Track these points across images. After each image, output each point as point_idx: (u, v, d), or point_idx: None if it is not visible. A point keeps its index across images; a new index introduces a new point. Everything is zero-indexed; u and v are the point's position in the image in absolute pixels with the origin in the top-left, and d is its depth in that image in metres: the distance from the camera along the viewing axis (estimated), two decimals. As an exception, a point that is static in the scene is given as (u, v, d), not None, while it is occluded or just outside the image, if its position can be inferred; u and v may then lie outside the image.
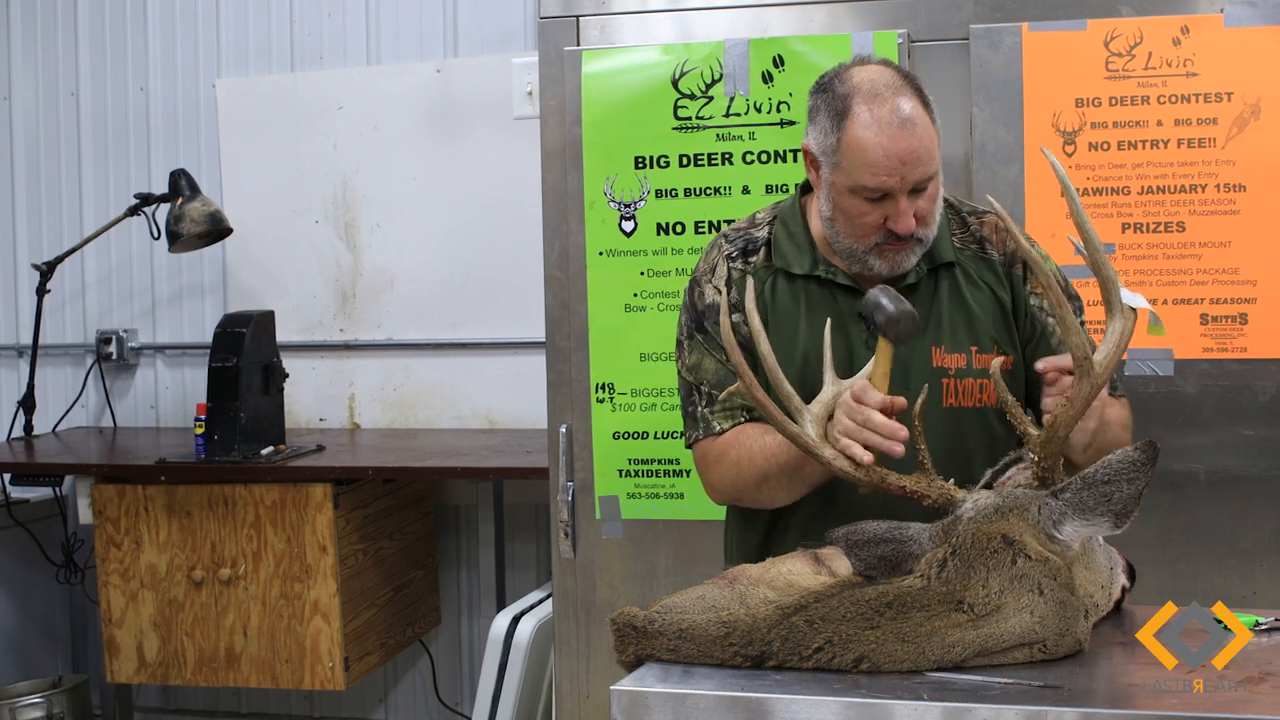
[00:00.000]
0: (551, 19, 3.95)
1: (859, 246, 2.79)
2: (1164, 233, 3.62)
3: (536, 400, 4.32)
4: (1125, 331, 2.38)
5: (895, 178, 2.69)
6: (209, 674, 4.86)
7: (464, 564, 5.67)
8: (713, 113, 3.81)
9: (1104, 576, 2.42)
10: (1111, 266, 2.38)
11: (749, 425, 2.86)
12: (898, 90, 2.72)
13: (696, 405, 2.93)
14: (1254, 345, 3.59)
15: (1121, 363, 2.87)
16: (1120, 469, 2.27)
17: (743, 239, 2.96)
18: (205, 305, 5.90)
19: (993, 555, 2.27)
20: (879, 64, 2.80)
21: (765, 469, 2.79)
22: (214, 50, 5.84)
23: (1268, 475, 3.62)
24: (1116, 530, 2.30)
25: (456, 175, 5.52)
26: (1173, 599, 2.95)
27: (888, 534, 2.39)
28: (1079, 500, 2.29)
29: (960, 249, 2.89)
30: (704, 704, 2.18)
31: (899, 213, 2.72)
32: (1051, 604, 2.26)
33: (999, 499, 2.37)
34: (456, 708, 5.66)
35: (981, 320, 2.84)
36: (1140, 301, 2.39)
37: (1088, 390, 2.36)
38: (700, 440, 2.93)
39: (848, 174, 2.73)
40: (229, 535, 4.79)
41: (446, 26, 5.59)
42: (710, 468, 2.93)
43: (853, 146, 2.71)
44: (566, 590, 4.02)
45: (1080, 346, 2.35)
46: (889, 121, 2.68)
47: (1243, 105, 3.57)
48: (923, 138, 2.70)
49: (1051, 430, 2.37)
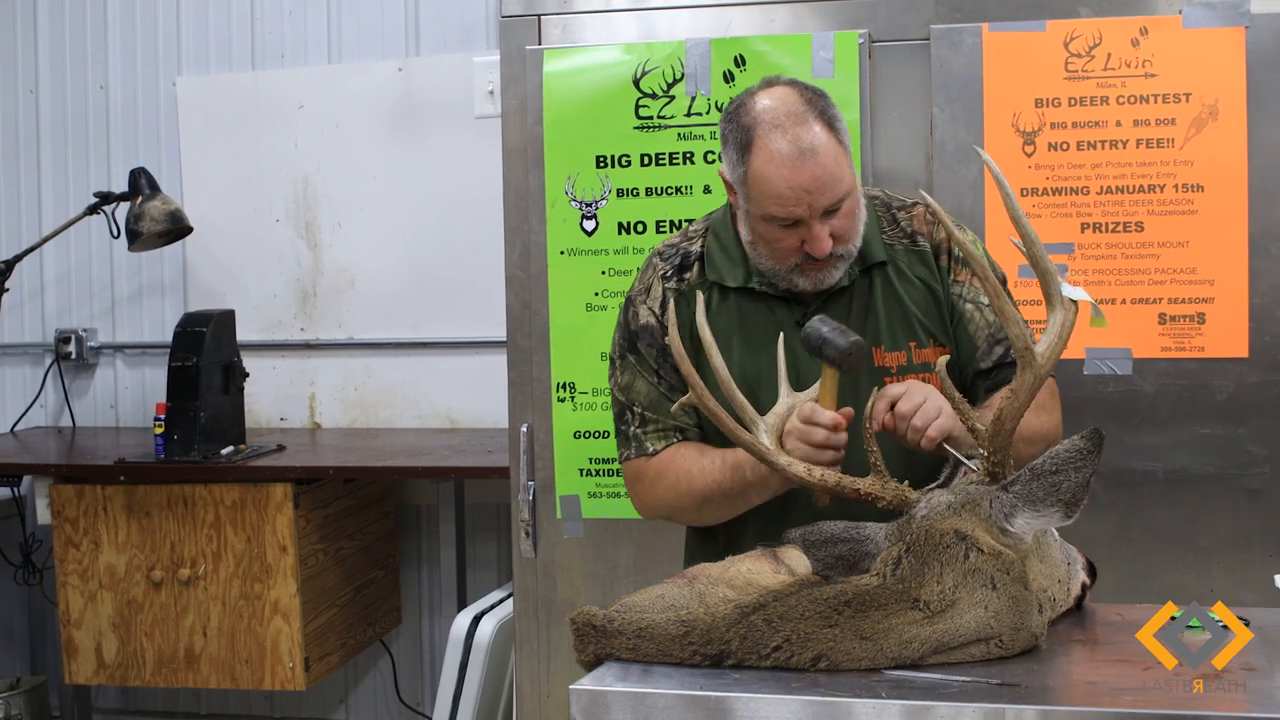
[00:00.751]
0: (513, 18, 3.94)
1: (781, 268, 2.81)
2: (1123, 233, 3.64)
3: (498, 400, 4.31)
4: (1066, 323, 2.39)
5: (803, 206, 2.70)
6: (168, 675, 4.84)
7: (425, 563, 5.66)
8: (674, 112, 3.82)
9: (1060, 570, 2.43)
10: (1049, 260, 2.38)
11: (682, 446, 2.89)
12: (799, 119, 2.71)
13: (629, 425, 2.95)
14: (1211, 344, 3.61)
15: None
16: (1067, 458, 2.28)
17: (678, 255, 2.97)
18: (165, 304, 5.86)
19: (945, 551, 2.28)
20: (785, 86, 2.79)
21: (706, 491, 2.83)
22: (174, 48, 5.81)
23: (1224, 474, 3.64)
24: (1067, 520, 2.31)
25: (418, 174, 5.50)
26: (1130, 597, 2.97)
27: (844, 533, 2.41)
28: (1028, 492, 2.30)
29: (891, 245, 2.90)
30: (663, 703, 2.18)
31: (813, 237, 2.73)
32: (1005, 598, 2.26)
33: (952, 496, 2.38)
34: (417, 708, 5.65)
35: (916, 316, 2.86)
36: (1080, 294, 2.40)
37: (1030, 381, 2.37)
38: (633, 459, 2.95)
39: (758, 204, 2.75)
40: (189, 535, 4.76)
41: (408, 25, 5.57)
42: (645, 487, 2.95)
43: (758, 179, 2.73)
44: (527, 590, 4.01)
45: (1020, 338, 2.36)
46: (790, 153, 2.69)
47: (1201, 106, 3.59)
48: (827, 164, 2.70)
49: (998, 423, 2.38)
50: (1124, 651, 2.35)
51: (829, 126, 2.73)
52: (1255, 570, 3.59)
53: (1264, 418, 3.61)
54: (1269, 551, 3.62)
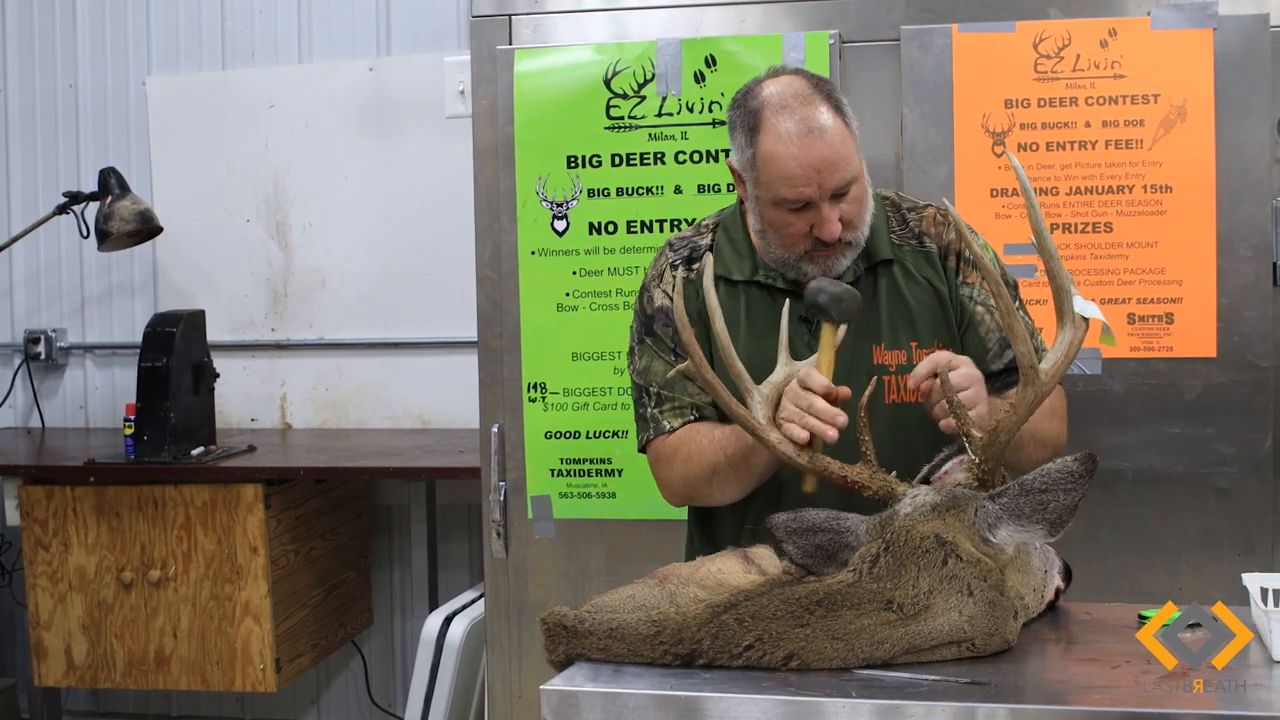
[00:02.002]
0: (484, 18, 3.94)
1: (790, 255, 2.82)
2: (1092, 233, 3.65)
3: (469, 400, 4.30)
4: (1074, 342, 2.39)
5: (812, 186, 2.71)
6: (139, 676, 4.82)
7: (396, 564, 5.65)
8: (645, 112, 3.82)
9: (1037, 579, 2.44)
10: (1067, 274, 2.39)
11: (699, 423, 2.88)
12: (806, 100, 2.74)
13: (647, 407, 2.95)
14: (1180, 344, 3.63)
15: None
16: (1058, 479, 2.29)
17: (687, 246, 2.99)
18: (135, 304, 5.85)
19: (925, 555, 2.28)
20: (791, 74, 2.83)
21: (714, 461, 2.82)
22: (144, 47, 5.79)
23: (1193, 473, 3.66)
24: (1050, 539, 2.33)
25: (389, 174, 5.50)
26: (1100, 596, 2.98)
27: (826, 523, 2.42)
28: (1015, 506, 2.31)
29: (898, 245, 2.91)
30: (634, 703, 2.18)
31: (823, 220, 2.74)
32: (981, 604, 2.27)
33: (938, 496, 2.38)
34: (389, 708, 5.64)
35: (921, 316, 2.87)
36: (1093, 311, 2.40)
37: (1032, 398, 2.38)
38: (652, 440, 2.95)
39: (767, 188, 2.76)
40: (159, 536, 4.75)
41: (379, 25, 5.56)
42: (662, 467, 2.95)
43: (767, 160, 2.75)
44: (499, 590, 4.01)
45: (1026, 355, 2.37)
46: (799, 132, 2.71)
47: (1169, 107, 3.60)
48: (835, 144, 2.71)
49: (993, 435, 2.40)
50: (1093, 650, 2.37)
51: (836, 109, 2.76)
52: (1223, 569, 3.61)
53: (1232, 417, 3.63)
54: (1237, 550, 3.64)
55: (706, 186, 3.79)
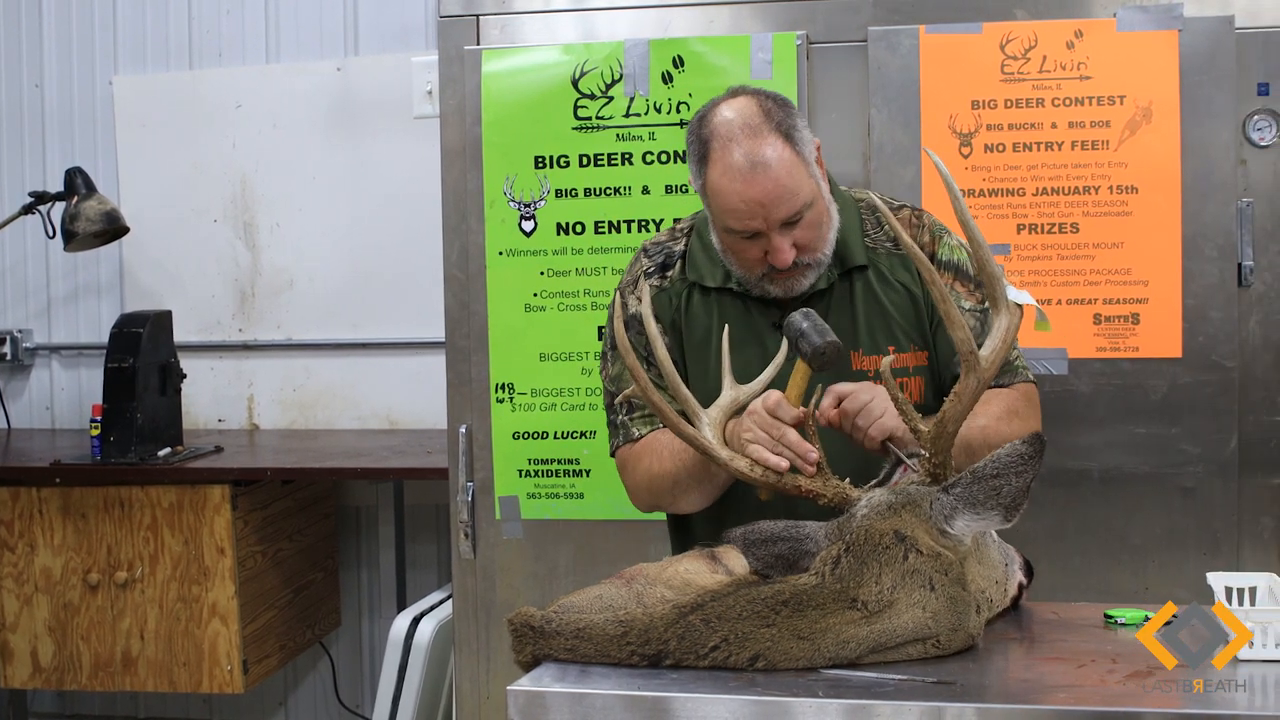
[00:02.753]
0: (451, 18, 3.94)
1: (750, 276, 2.84)
2: (1058, 234, 3.66)
3: (437, 400, 4.30)
4: (1010, 327, 2.41)
5: (758, 220, 2.72)
6: (105, 678, 4.80)
7: (364, 565, 5.64)
8: (613, 113, 3.82)
9: (998, 571, 2.45)
10: (996, 263, 2.40)
11: (664, 431, 2.87)
12: (753, 132, 2.72)
13: (618, 414, 2.96)
14: (1145, 345, 3.64)
15: (1019, 349, 2.91)
16: (1008, 463, 2.30)
17: (662, 253, 2.99)
18: (102, 305, 5.82)
19: (885, 551, 2.29)
20: (746, 96, 2.80)
21: (676, 471, 2.83)
22: (110, 47, 5.76)
23: (1159, 472, 3.67)
24: (1007, 524, 2.33)
25: (356, 175, 5.48)
26: (1066, 595, 3.00)
27: (784, 532, 2.41)
28: (969, 495, 2.32)
29: (873, 248, 2.91)
30: (601, 703, 2.18)
31: (774, 249, 2.75)
32: (943, 599, 2.28)
33: (892, 496, 2.39)
34: (357, 710, 5.63)
35: (897, 320, 2.88)
36: (1026, 298, 2.42)
37: (974, 384, 2.39)
38: (620, 447, 2.97)
39: (716, 217, 2.79)
40: (125, 538, 4.73)
41: (346, 24, 5.55)
42: (629, 473, 2.97)
43: (714, 192, 2.76)
44: (467, 591, 4.01)
45: (965, 341, 2.37)
46: (743, 166, 2.70)
47: (1134, 108, 3.62)
48: (779, 178, 2.70)
49: (940, 426, 2.40)
50: (1059, 649, 2.38)
51: (786, 138, 2.73)
52: (1188, 568, 3.63)
53: (1197, 417, 3.65)
54: (1202, 549, 3.66)
55: (674, 187, 3.79)
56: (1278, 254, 3.65)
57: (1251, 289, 3.64)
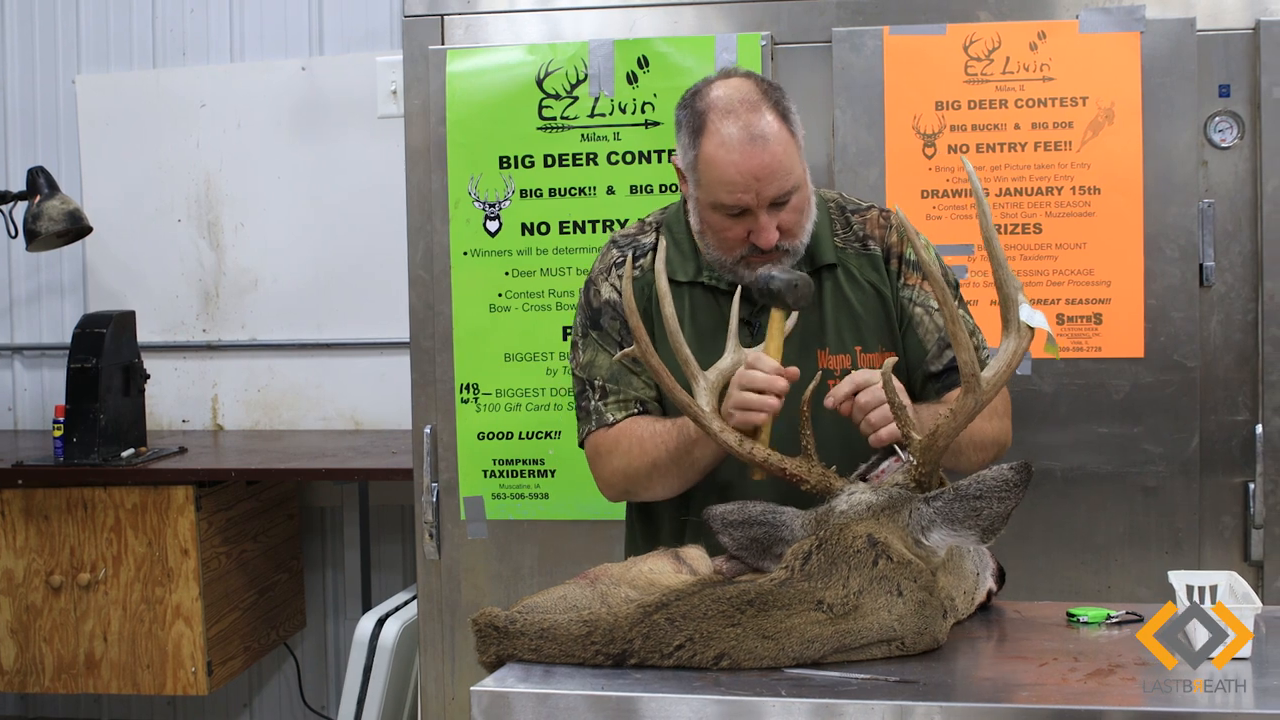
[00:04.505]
0: (416, 18, 3.93)
1: (727, 259, 2.82)
2: (1021, 234, 3.68)
3: (402, 401, 4.30)
4: (1018, 351, 2.40)
5: (750, 194, 2.71)
6: (68, 681, 4.78)
7: (329, 566, 5.62)
8: (577, 113, 3.82)
9: (968, 583, 2.46)
10: (1015, 282, 2.40)
11: (641, 417, 2.88)
12: (752, 106, 2.74)
13: (590, 400, 2.94)
14: (1108, 345, 3.66)
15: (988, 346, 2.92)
16: (993, 486, 2.31)
17: (631, 245, 2.98)
18: (65, 305, 5.79)
19: (856, 554, 2.30)
20: (741, 77, 2.82)
21: (655, 455, 2.81)
22: (74, 46, 5.74)
23: (1121, 472, 3.69)
24: (983, 544, 2.35)
25: (321, 174, 5.47)
26: (1029, 594, 3.01)
27: (762, 516, 2.43)
28: (949, 511, 2.33)
29: (842, 248, 2.91)
30: (565, 704, 2.18)
31: (760, 228, 2.74)
32: (910, 604, 2.29)
33: (874, 496, 2.40)
34: (322, 711, 5.62)
35: (865, 320, 2.88)
36: (1040, 321, 2.41)
37: (972, 405, 2.39)
38: (593, 433, 2.94)
39: (706, 190, 2.77)
40: (89, 539, 4.71)
41: (311, 24, 5.54)
42: (602, 461, 2.93)
43: (708, 164, 2.74)
44: (431, 592, 4.00)
45: (969, 364, 2.37)
46: (741, 138, 2.71)
47: (1097, 109, 3.64)
48: (777, 153, 2.71)
49: (932, 439, 2.41)
50: (1022, 648, 2.39)
51: (782, 117, 2.75)
52: (1150, 566, 3.65)
53: (1159, 417, 3.67)
54: (1164, 548, 3.68)
55: (639, 187, 3.80)
56: (1239, 254, 3.67)
57: (1213, 289, 3.67)
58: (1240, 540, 3.70)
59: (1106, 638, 2.44)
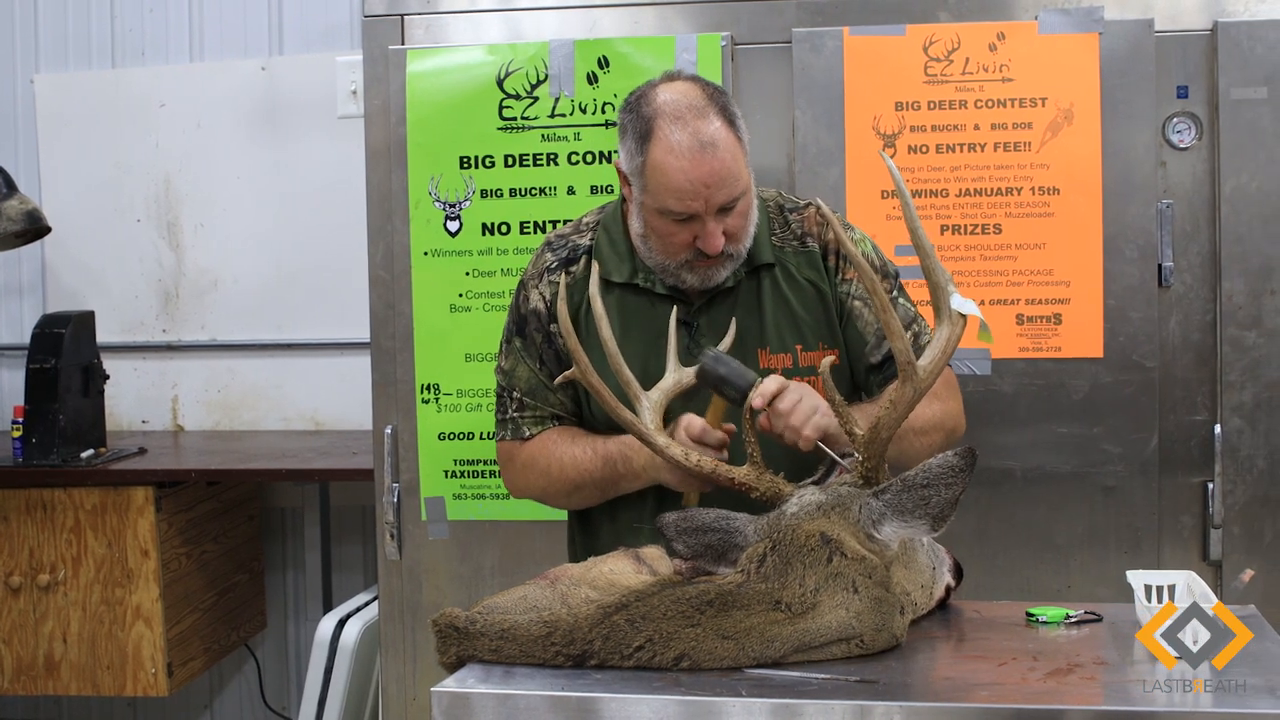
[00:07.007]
0: (376, 17, 3.93)
1: (670, 262, 2.82)
2: (981, 234, 3.69)
3: (363, 401, 4.28)
4: (952, 338, 2.43)
5: (699, 201, 2.71)
6: (27, 682, 4.75)
7: (290, 567, 5.61)
8: (538, 113, 3.82)
9: (924, 576, 2.47)
10: (944, 271, 2.42)
11: (554, 432, 2.91)
12: (700, 112, 2.72)
13: (508, 409, 2.97)
14: (1068, 345, 3.68)
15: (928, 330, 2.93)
16: (939, 474, 2.32)
17: (566, 247, 2.97)
18: (23, 305, 5.76)
19: (810, 553, 2.30)
20: (686, 81, 2.81)
21: (578, 479, 2.86)
22: (32, 45, 5.71)
23: (1081, 472, 3.71)
24: (934, 533, 2.36)
25: (281, 174, 5.45)
26: (989, 594, 3.02)
27: (715, 523, 2.43)
28: (898, 502, 2.34)
29: (780, 246, 2.91)
30: (525, 704, 2.18)
31: (707, 234, 2.74)
32: (866, 600, 2.29)
33: (823, 496, 2.41)
34: (283, 712, 5.60)
35: (804, 318, 2.88)
36: (971, 308, 2.43)
37: (910, 394, 2.41)
38: (508, 440, 2.97)
39: (654, 196, 2.75)
40: (48, 540, 4.68)
41: (271, 24, 5.52)
42: (516, 471, 2.98)
43: (656, 170, 2.73)
44: (392, 592, 4.00)
45: (903, 352, 2.39)
46: (690, 145, 2.69)
47: (1056, 110, 3.65)
48: (725, 160, 2.71)
49: (874, 431, 2.42)
50: (981, 648, 2.40)
51: (729, 123, 2.74)
52: (1110, 566, 3.66)
53: (1118, 417, 3.69)
54: (1123, 548, 3.70)
55: (600, 187, 3.80)
56: (1197, 255, 3.69)
57: (1171, 289, 3.68)
58: (1199, 540, 3.72)
59: (1065, 637, 2.45)
